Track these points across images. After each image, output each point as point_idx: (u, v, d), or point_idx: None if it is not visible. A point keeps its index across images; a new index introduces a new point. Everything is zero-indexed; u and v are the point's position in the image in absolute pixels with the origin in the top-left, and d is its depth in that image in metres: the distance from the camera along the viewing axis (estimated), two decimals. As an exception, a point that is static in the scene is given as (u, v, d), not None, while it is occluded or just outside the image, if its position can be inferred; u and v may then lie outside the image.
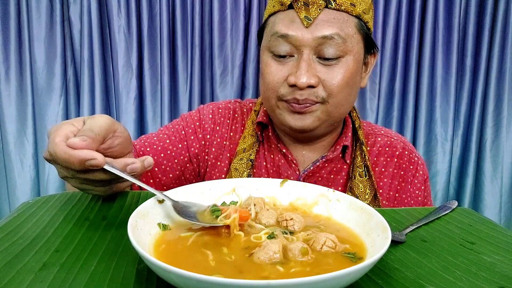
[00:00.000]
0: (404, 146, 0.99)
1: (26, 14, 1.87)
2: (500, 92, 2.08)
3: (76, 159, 0.53)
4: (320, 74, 0.82)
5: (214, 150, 0.97)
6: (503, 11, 2.01)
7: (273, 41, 0.84)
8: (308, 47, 0.81)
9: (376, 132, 1.01)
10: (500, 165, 2.13)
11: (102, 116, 0.61)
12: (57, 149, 0.53)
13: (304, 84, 0.80)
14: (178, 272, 0.35)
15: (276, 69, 0.85)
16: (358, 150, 0.95)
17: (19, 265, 0.45)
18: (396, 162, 0.97)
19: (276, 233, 0.52)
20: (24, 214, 0.59)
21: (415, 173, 0.97)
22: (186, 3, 1.94)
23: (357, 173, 0.92)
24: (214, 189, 0.62)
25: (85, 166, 0.53)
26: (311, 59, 0.82)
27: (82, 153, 0.53)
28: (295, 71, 0.82)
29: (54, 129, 0.57)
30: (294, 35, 0.81)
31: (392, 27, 2.03)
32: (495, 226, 0.63)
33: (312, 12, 0.80)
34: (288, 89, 0.83)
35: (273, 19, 0.86)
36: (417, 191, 0.97)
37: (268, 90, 0.87)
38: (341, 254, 0.48)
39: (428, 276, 0.47)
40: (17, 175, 1.97)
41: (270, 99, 0.88)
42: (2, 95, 1.92)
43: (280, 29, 0.82)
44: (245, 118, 1.01)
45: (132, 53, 1.94)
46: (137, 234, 0.46)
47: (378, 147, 0.98)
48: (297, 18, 0.81)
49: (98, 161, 0.53)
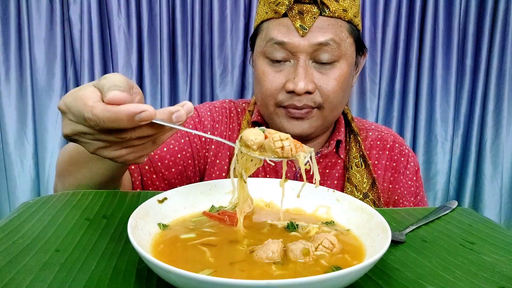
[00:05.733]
0: (394, 139, 1.02)
1: (26, 14, 1.87)
2: (500, 92, 2.08)
3: (124, 114, 0.45)
4: (316, 80, 0.84)
5: (213, 147, 0.97)
6: (503, 11, 2.01)
7: (269, 47, 0.85)
8: (304, 53, 0.83)
9: (367, 127, 1.04)
10: (500, 165, 2.13)
11: (114, 74, 0.53)
12: (96, 110, 0.46)
13: (302, 90, 0.82)
14: (178, 272, 0.35)
15: (273, 76, 0.86)
16: (352, 141, 0.98)
17: (19, 265, 0.45)
18: (388, 155, 1.00)
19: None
20: (24, 214, 0.59)
21: (407, 164, 1.00)
22: (186, 3, 1.94)
23: (353, 164, 0.94)
24: (214, 189, 0.62)
25: (134, 122, 0.46)
26: (307, 64, 0.84)
27: (131, 107, 0.46)
28: (293, 78, 0.83)
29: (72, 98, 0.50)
30: (290, 42, 0.83)
31: (392, 27, 2.03)
32: (495, 226, 0.63)
33: (307, 21, 0.82)
34: (286, 96, 0.85)
35: (266, 25, 0.87)
36: (410, 181, 1.00)
37: (267, 97, 0.88)
38: (330, 265, 0.45)
39: (428, 276, 0.47)
40: (17, 175, 1.97)
41: (269, 106, 0.89)
42: (2, 95, 1.92)
43: (276, 36, 0.84)
44: (241, 117, 1.02)
45: (132, 53, 1.94)
46: (137, 234, 0.46)
47: (370, 141, 1.01)
48: (292, 26, 0.83)
49: (149, 112, 0.46)
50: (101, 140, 0.51)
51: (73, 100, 0.49)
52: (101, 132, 0.49)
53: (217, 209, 0.60)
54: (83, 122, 0.49)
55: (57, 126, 1.98)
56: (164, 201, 0.56)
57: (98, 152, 0.53)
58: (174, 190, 0.58)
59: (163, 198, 0.56)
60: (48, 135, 1.98)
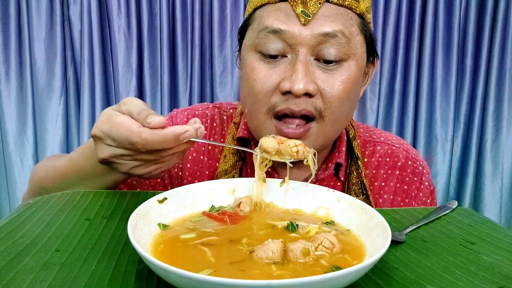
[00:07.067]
0: (407, 155, 0.86)
1: (26, 14, 1.88)
2: (500, 93, 2.09)
3: (171, 136, 0.52)
4: (318, 81, 0.69)
5: (189, 166, 0.84)
6: (503, 11, 2.01)
7: (262, 38, 0.69)
8: (305, 46, 0.68)
9: (375, 139, 0.88)
10: (500, 165, 2.13)
11: (132, 98, 0.58)
12: (145, 135, 0.52)
13: (301, 90, 0.66)
14: (178, 272, 0.35)
15: (265, 74, 0.70)
16: (353, 165, 0.83)
17: (19, 265, 0.45)
18: (399, 175, 0.85)
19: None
20: (24, 214, 0.59)
21: (420, 185, 0.85)
22: (186, 3, 1.94)
23: (352, 192, 0.81)
24: (214, 189, 0.62)
25: (178, 142, 0.53)
26: (308, 60, 0.69)
27: (176, 129, 0.52)
28: (290, 75, 0.68)
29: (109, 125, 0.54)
30: (289, 31, 0.67)
31: (392, 27, 2.03)
32: (495, 226, 0.63)
33: (311, 6, 0.67)
34: (281, 98, 0.69)
35: (260, 12, 0.71)
36: (423, 205, 0.85)
37: (257, 103, 0.71)
38: (330, 265, 0.45)
39: (428, 276, 0.47)
40: (17, 175, 1.97)
41: (258, 116, 0.72)
42: (2, 95, 1.92)
43: (271, 24, 0.68)
44: (226, 127, 0.87)
45: (132, 53, 1.94)
46: (137, 234, 0.46)
47: (378, 157, 0.86)
48: (292, 12, 0.67)
49: (191, 131, 0.53)
50: (138, 159, 0.56)
51: (112, 128, 0.54)
52: (142, 153, 0.54)
53: (217, 209, 0.60)
54: (126, 146, 0.54)
55: (57, 126, 1.98)
56: (164, 201, 0.56)
57: (131, 171, 0.58)
58: (174, 190, 0.59)
59: (163, 198, 0.56)
60: (48, 135, 1.98)
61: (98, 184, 0.69)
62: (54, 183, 0.73)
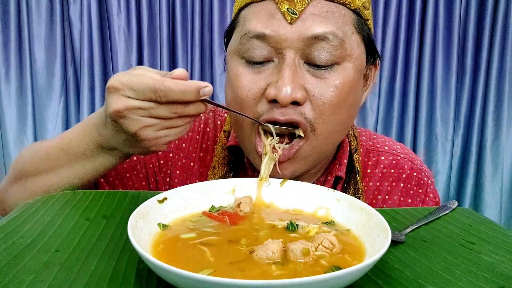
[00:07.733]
0: (412, 165, 0.82)
1: (26, 14, 1.88)
2: (500, 92, 2.09)
3: (194, 87, 0.53)
4: (308, 86, 0.62)
5: (178, 173, 0.78)
6: (503, 11, 2.01)
7: (245, 44, 0.63)
8: (293, 49, 0.61)
9: (379, 149, 0.82)
10: (501, 165, 2.13)
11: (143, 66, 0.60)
12: (169, 83, 0.52)
13: (288, 98, 0.60)
14: (178, 272, 0.35)
15: (250, 80, 0.64)
16: (352, 180, 0.77)
17: (19, 265, 0.45)
18: (403, 188, 0.80)
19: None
20: (24, 214, 0.59)
21: (425, 197, 0.82)
22: (186, 3, 1.94)
23: None
24: (214, 189, 0.62)
25: (198, 96, 0.53)
26: (296, 64, 0.62)
27: (198, 82, 0.54)
28: (275, 80, 0.61)
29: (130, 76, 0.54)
30: (273, 35, 0.61)
31: (392, 27, 2.03)
32: (495, 226, 0.63)
33: (298, 3, 0.60)
34: (266, 106, 0.63)
35: (244, 14, 0.66)
36: None
37: (242, 111, 0.65)
38: (330, 265, 0.45)
39: (428, 276, 0.47)
40: (17, 175, 1.97)
41: (245, 128, 0.67)
42: (2, 95, 1.93)
43: (254, 27, 0.62)
44: (218, 133, 0.81)
45: (132, 53, 1.94)
46: (137, 234, 0.46)
47: (382, 169, 0.81)
48: (277, 11, 0.61)
49: (210, 87, 0.54)
50: (153, 116, 0.54)
51: (134, 77, 0.54)
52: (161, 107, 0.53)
53: (217, 209, 0.60)
54: (146, 96, 0.53)
55: (57, 125, 1.98)
56: (164, 201, 0.56)
57: (140, 131, 0.55)
58: (174, 190, 0.59)
59: (163, 198, 0.56)
60: (48, 134, 1.98)
61: (85, 167, 0.66)
62: (39, 164, 0.68)
